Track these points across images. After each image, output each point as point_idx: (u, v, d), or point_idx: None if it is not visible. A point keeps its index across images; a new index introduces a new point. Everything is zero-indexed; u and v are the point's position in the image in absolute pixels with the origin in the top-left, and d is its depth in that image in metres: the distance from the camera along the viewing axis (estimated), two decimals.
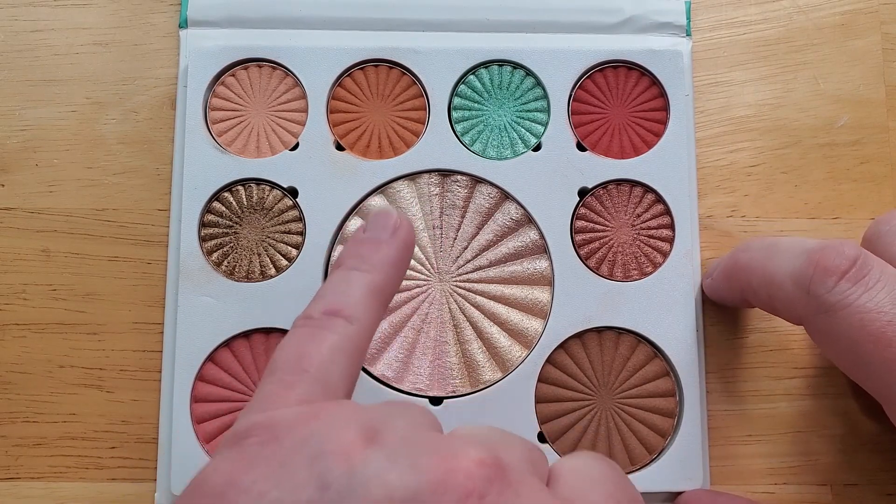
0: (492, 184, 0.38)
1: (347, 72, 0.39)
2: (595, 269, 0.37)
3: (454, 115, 0.38)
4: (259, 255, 0.37)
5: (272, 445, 0.22)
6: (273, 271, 0.37)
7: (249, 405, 0.25)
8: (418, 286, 0.37)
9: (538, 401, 0.36)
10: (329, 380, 0.25)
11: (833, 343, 0.29)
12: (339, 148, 0.38)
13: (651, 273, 0.37)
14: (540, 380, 0.36)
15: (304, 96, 0.38)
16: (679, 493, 0.35)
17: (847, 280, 0.28)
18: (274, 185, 0.37)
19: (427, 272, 0.37)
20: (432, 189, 0.38)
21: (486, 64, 0.39)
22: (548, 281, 0.37)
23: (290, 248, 0.37)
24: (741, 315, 0.38)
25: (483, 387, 0.36)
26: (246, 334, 0.36)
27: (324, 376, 0.25)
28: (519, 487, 0.21)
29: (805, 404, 0.37)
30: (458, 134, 0.38)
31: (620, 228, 0.37)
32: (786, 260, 0.30)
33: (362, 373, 0.36)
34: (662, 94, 0.38)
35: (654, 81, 0.39)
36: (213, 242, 0.37)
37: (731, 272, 0.34)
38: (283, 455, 0.22)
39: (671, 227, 0.37)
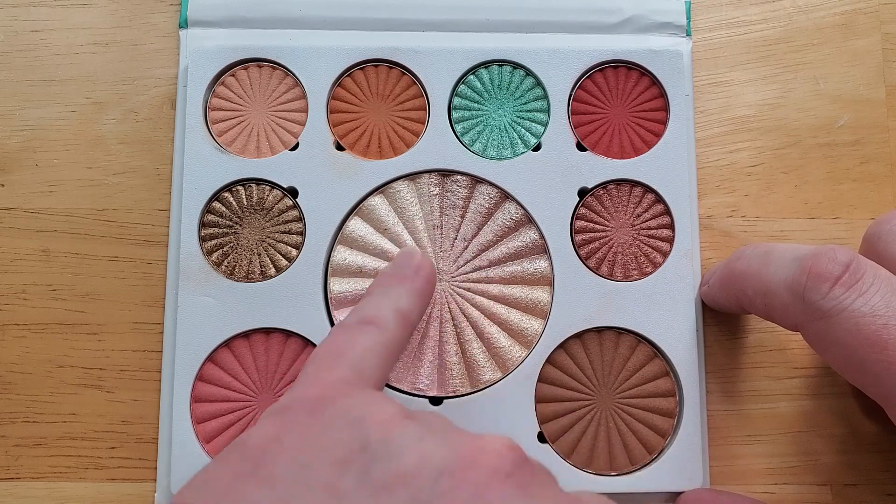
0: (492, 184, 0.38)
1: (347, 72, 0.39)
2: (595, 269, 0.37)
3: (454, 115, 0.38)
4: (259, 255, 0.37)
5: (315, 413, 0.24)
6: (273, 271, 0.37)
7: (292, 387, 0.27)
8: None
9: (538, 401, 0.36)
10: (363, 370, 0.27)
11: (830, 349, 0.29)
12: (340, 148, 0.38)
13: (651, 273, 0.37)
14: (540, 380, 0.36)
15: (304, 96, 0.38)
16: (679, 493, 0.35)
17: (841, 285, 0.28)
18: (274, 185, 0.37)
19: None
20: (432, 189, 0.38)
21: (486, 64, 0.39)
22: (548, 281, 0.37)
23: (290, 248, 0.37)
24: (741, 315, 0.38)
25: (483, 387, 0.36)
26: (246, 334, 0.36)
27: (359, 365, 0.27)
28: (542, 478, 0.23)
29: (805, 404, 0.37)
30: (458, 134, 0.38)
31: (620, 228, 0.37)
32: (779, 268, 0.30)
33: None
34: (662, 94, 0.38)
35: (654, 81, 0.39)
36: (213, 242, 0.37)
37: (726, 281, 0.34)
38: (325, 420, 0.24)
39: (671, 227, 0.37)
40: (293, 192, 0.37)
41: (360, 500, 0.21)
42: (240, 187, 0.37)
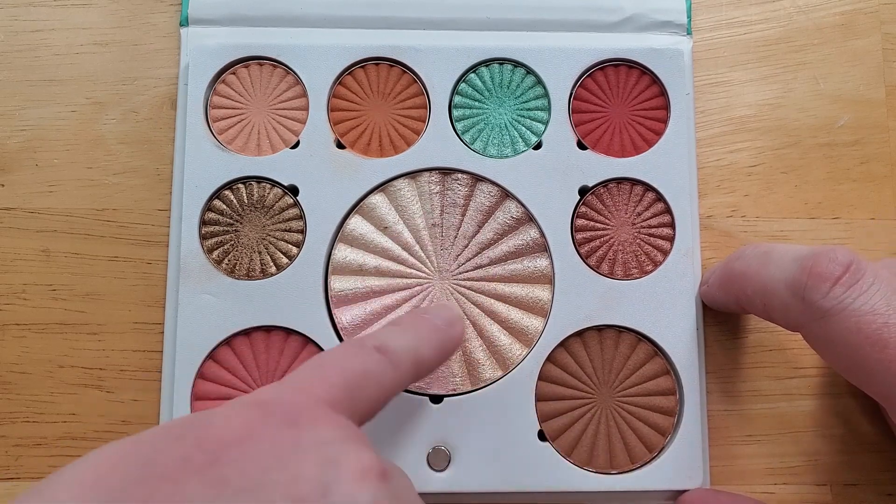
0: (492, 182, 0.38)
1: (348, 70, 0.39)
2: (595, 268, 0.37)
3: (455, 113, 0.38)
4: (260, 252, 0.37)
5: (291, 428, 0.22)
6: (274, 269, 0.37)
7: (282, 380, 0.25)
8: (419, 284, 0.37)
9: (538, 399, 0.36)
10: (356, 398, 0.25)
11: (831, 348, 0.29)
12: (340, 146, 0.38)
13: (651, 272, 0.37)
14: (540, 378, 0.36)
15: (304, 94, 0.38)
16: (680, 492, 0.35)
17: (841, 285, 0.28)
18: (274, 184, 0.37)
19: (428, 270, 0.37)
20: (433, 187, 0.38)
21: (486, 62, 0.39)
22: (548, 279, 0.37)
23: (290, 245, 0.37)
24: (741, 315, 0.38)
25: (483, 385, 0.36)
26: (246, 332, 0.36)
27: (354, 391, 0.25)
28: None
29: (805, 404, 0.37)
30: (459, 132, 0.38)
31: (621, 227, 0.37)
32: (779, 268, 0.30)
33: None
34: (663, 92, 0.39)
35: (655, 80, 0.39)
36: (214, 240, 0.37)
37: (725, 281, 0.34)
38: (299, 442, 0.22)
39: (671, 225, 0.37)
40: (294, 191, 0.37)
41: None
42: (240, 185, 0.37)
